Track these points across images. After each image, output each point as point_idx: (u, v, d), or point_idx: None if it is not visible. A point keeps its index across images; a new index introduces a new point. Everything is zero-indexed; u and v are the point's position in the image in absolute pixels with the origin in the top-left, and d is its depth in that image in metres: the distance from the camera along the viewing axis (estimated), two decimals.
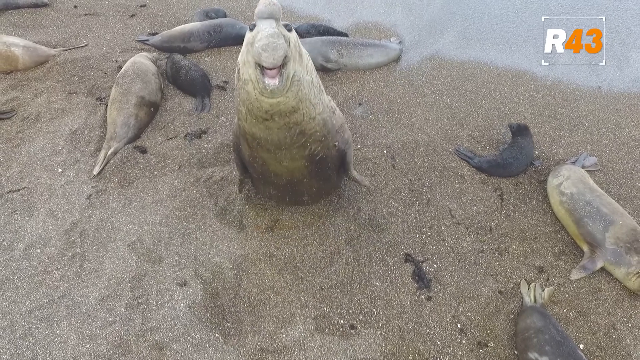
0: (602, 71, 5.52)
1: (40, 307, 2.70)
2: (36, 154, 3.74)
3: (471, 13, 6.41)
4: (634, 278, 2.90)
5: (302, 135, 2.56)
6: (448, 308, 2.92)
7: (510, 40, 5.93)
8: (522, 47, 5.88)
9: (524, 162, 3.94)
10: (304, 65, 2.50)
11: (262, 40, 2.18)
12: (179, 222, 3.31)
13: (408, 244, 3.29)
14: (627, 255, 2.94)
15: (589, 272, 3.06)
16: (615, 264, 2.99)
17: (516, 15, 6.41)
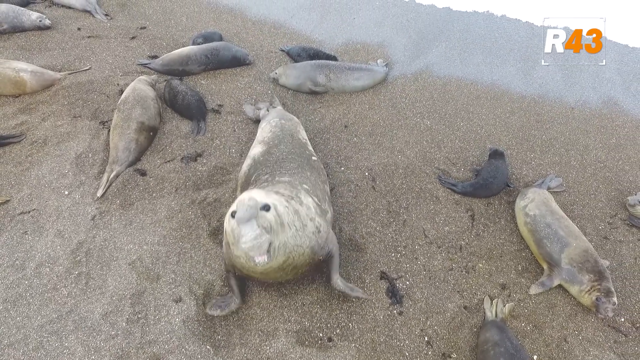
0: (580, 89, 5.84)
1: (50, 322, 3.01)
2: (44, 177, 4.06)
3: (457, 34, 6.74)
4: (586, 295, 3.22)
5: (295, 268, 2.92)
6: (417, 322, 3.24)
7: (493, 60, 6.27)
8: (504, 66, 6.21)
9: (502, 181, 4.26)
10: (286, 228, 2.76)
11: (248, 244, 2.49)
12: (175, 241, 3.62)
13: (384, 262, 3.61)
14: (579, 275, 3.26)
15: (546, 288, 3.39)
16: (569, 282, 3.32)
17: (500, 35, 6.74)
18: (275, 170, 3.48)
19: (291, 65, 5.45)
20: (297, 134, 4.11)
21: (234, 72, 5.68)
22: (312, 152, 3.96)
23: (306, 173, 3.50)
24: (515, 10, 7.45)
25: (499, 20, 7.10)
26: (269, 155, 3.72)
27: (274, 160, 3.63)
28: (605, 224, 4.09)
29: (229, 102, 5.15)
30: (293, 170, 3.48)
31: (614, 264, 3.72)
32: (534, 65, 6.28)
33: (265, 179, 3.38)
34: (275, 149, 3.77)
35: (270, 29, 6.74)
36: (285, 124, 4.19)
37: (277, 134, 4.00)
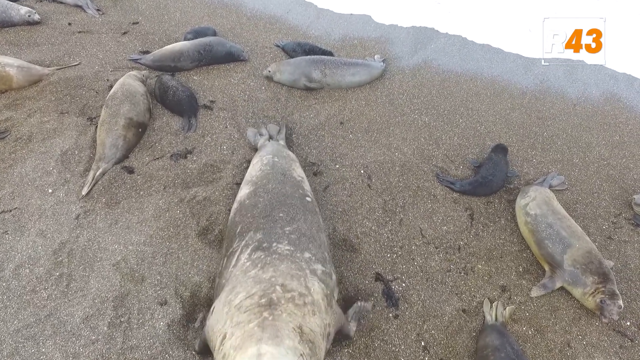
0: (582, 85, 5.69)
1: (28, 326, 2.87)
2: (28, 174, 3.91)
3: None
4: (590, 297, 3.08)
5: None
6: (413, 326, 3.09)
7: (492, 56, 6.13)
8: (504, 62, 6.07)
9: (501, 178, 4.12)
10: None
11: None
12: (162, 241, 3.48)
13: (379, 263, 3.47)
14: (583, 277, 3.12)
15: (548, 290, 3.24)
16: (572, 284, 3.17)
17: (501, 24, 6.60)
18: (269, 231, 2.91)
19: (285, 62, 5.30)
20: (291, 172, 3.64)
21: (228, 67, 5.54)
22: (306, 192, 3.47)
23: (302, 226, 3.02)
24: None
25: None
26: (256, 197, 3.26)
27: (262, 206, 3.14)
28: (609, 223, 3.95)
29: (222, 98, 5.00)
30: (290, 230, 2.94)
31: (619, 265, 3.58)
32: (534, 61, 6.15)
33: (258, 246, 2.80)
34: (263, 190, 3.31)
35: (266, 24, 6.59)
36: (278, 161, 3.73)
37: (267, 172, 3.56)
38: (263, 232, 2.91)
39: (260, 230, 2.93)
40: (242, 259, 2.78)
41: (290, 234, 2.93)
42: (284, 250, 2.78)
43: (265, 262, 2.69)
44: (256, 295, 2.46)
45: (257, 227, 2.97)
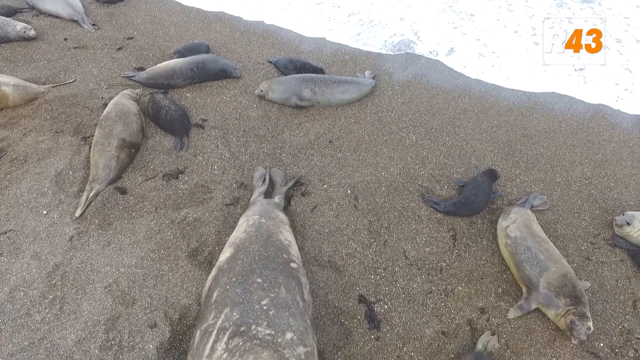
0: (568, 101, 5.81)
1: (22, 350, 2.98)
2: (23, 195, 4.02)
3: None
4: (562, 319, 3.21)
5: None
6: (394, 348, 3.21)
7: (481, 70, 6.24)
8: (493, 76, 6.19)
9: (483, 199, 4.23)
10: None
11: None
12: (153, 263, 3.59)
13: (363, 285, 3.58)
14: (556, 299, 3.24)
15: (524, 311, 3.37)
16: (546, 306, 3.29)
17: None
18: (247, 308, 2.66)
19: (276, 80, 5.40)
20: (278, 234, 3.39)
21: (220, 84, 5.65)
22: (292, 257, 3.21)
23: (282, 294, 2.80)
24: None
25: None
26: (235, 261, 3.03)
27: (239, 269, 2.93)
28: (588, 243, 4.07)
29: (214, 117, 5.11)
30: (267, 304, 2.70)
31: (595, 286, 3.70)
32: (523, 75, 6.26)
33: (236, 331, 2.54)
34: (244, 253, 3.08)
35: (259, 39, 6.70)
36: (265, 222, 3.48)
37: (252, 234, 3.32)
38: (240, 311, 2.64)
39: (237, 307, 2.66)
40: (218, 349, 2.48)
41: (269, 309, 2.67)
42: (265, 335, 2.53)
43: (243, 350, 2.44)
44: None
45: (233, 301, 2.71)
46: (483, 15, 7.58)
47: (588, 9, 7.79)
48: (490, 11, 7.70)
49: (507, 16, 7.61)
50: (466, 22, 7.35)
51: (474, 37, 6.99)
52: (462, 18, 7.43)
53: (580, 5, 7.93)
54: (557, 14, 7.67)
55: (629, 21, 7.45)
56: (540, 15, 7.64)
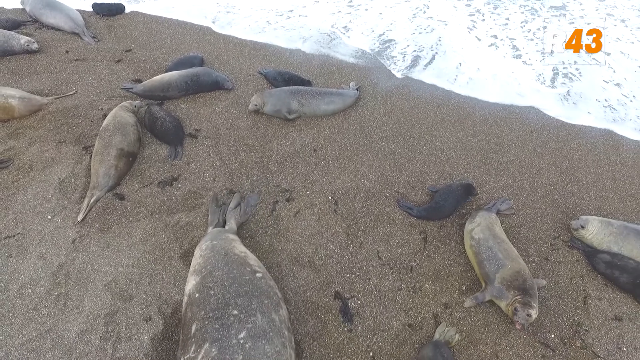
0: (541, 114, 6.19)
1: (30, 341, 3.34)
2: (29, 201, 4.38)
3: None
4: (509, 308, 3.58)
5: None
6: (364, 339, 3.57)
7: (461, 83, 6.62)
8: (476, 87, 6.57)
9: (452, 204, 4.59)
10: None
11: None
12: (148, 264, 3.95)
13: (339, 283, 3.94)
14: (506, 291, 3.61)
15: (479, 302, 3.74)
16: (498, 298, 3.66)
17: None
18: (225, 344, 2.88)
19: (267, 93, 5.72)
20: (232, 250, 3.63)
21: (213, 95, 6.01)
22: (254, 268, 3.47)
23: (258, 321, 3.02)
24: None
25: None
26: (206, 290, 3.21)
27: (214, 303, 3.10)
28: (548, 245, 4.43)
29: (206, 127, 5.47)
30: (244, 337, 2.92)
31: (551, 284, 4.07)
32: (498, 86, 6.64)
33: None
34: (211, 280, 3.27)
35: (251, 51, 7.07)
36: (217, 244, 3.71)
37: (208, 256, 3.53)
38: (218, 347, 2.86)
39: (215, 344, 2.88)
40: None
41: (245, 342, 2.89)
42: None
43: None
44: None
45: (213, 337, 2.92)
46: (456, 25, 7.97)
47: (560, 17, 8.14)
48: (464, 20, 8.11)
49: (480, 26, 8.00)
50: (440, 31, 7.75)
51: (450, 48, 7.39)
52: (434, 28, 7.84)
53: (550, 12, 8.29)
54: (531, 21, 8.02)
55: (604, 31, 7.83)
56: (515, 23, 8.03)
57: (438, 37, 7.65)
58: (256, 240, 4.23)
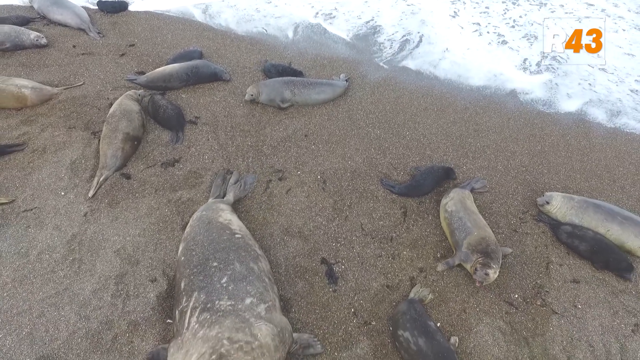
0: (519, 102, 6.63)
1: (50, 297, 3.76)
2: (44, 180, 4.79)
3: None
4: (473, 269, 4.01)
5: None
6: (347, 297, 4.00)
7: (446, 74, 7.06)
8: (459, 80, 7.02)
9: (431, 183, 5.02)
10: None
11: None
12: (153, 234, 4.37)
13: (325, 250, 4.37)
14: (471, 255, 4.04)
15: (449, 266, 4.18)
16: (464, 261, 4.10)
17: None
18: (209, 289, 3.32)
19: (262, 84, 6.14)
20: (217, 218, 4.06)
21: (212, 86, 6.43)
22: (234, 230, 3.90)
23: (237, 267, 3.48)
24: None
25: None
26: (189, 252, 3.70)
27: (196, 260, 3.58)
28: (517, 219, 4.86)
29: (205, 114, 5.90)
30: (226, 280, 3.37)
31: (517, 252, 4.50)
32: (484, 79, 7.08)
33: (204, 308, 3.21)
34: (193, 243, 3.77)
35: (247, 45, 7.49)
36: (205, 214, 4.16)
37: (194, 226, 4.01)
38: (205, 292, 3.30)
39: (202, 290, 3.32)
40: (192, 323, 3.16)
41: (228, 284, 3.33)
42: (227, 307, 3.18)
43: (211, 321, 3.10)
44: (206, 353, 2.88)
45: (199, 286, 3.36)
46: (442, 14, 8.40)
47: (542, 9, 8.52)
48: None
49: (462, 14, 8.45)
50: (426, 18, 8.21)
51: (435, 35, 7.86)
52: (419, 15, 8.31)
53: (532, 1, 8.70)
54: (512, 9, 8.41)
55: (586, 21, 8.21)
56: (495, 11, 8.46)
57: (423, 23, 8.16)
58: (251, 215, 4.66)
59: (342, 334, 3.74)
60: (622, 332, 3.95)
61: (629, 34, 8.20)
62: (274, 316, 3.35)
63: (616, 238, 4.49)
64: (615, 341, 3.87)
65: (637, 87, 7.09)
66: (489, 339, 3.76)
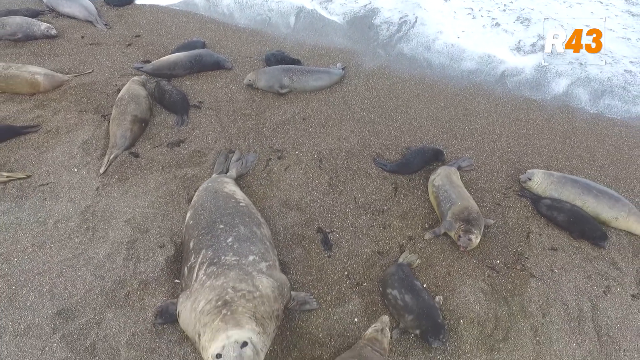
0: (508, 88, 6.96)
1: (67, 260, 4.07)
2: (58, 158, 5.12)
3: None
4: (456, 236, 4.33)
5: None
6: (341, 262, 4.32)
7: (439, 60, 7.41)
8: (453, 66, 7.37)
9: (420, 160, 5.34)
10: (261, 354, 3.07)
11: None
12: (161, 206, 4.69)
13: (321, 221, 4.69)
14: (455, 223, 4.37)
15: (436, 235, 4.51)
16: (449, 230, 4.42)
17: None
18: (216, 247, 3.66)
19: (261, 71, 6.48)
20: (222, 189, 4.41)
21: (214, 74, 6.75)
22: (239, 200, 4.27)
23: (241, 230, 3.81)
24: None
25: None
26: (197, 216, 4.06)
27: (204, 223, 3.93)
28: (500, 194, 5.19)
29: (208, 100, 6.22)
30: (231, 240, 3.71)
31: (500, 223, 4.82)
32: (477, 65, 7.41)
33: (211, 262, 3.55)
34: (201, 208, 4.14)
35: (248, 37, 7.81)
36: (210, 185, 4.54)
37: (201, 195, 4.38)
38: (212, 250, 3.65)
39: (210, 248, 3.68)
40: (200, 275, 3.51)
41: (233, 244, 3.68)
42: (232, 261, 3.53)
43: (217, 273, 3.43)
44: (213, 300, 3.21)
45: (207, 245, 3.71)
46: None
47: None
48: None
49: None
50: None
51: (429, 18, 8.23)
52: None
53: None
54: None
55: (581, 19, 8.52)
56: None
57: (418, 7, 8.58)
58: (252, 189, 4.98)
59: (336, 293, 4.07)
60: (595, 293, 4.27)
61: (622, 19, 8.55)
62: (274, 273, 3.68)
63: (592, 210, 4.82)
64: (587, 301, 4.20)
65: (632, 68, 7.41)
66: (471, 298, 4.09)
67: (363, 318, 3.88)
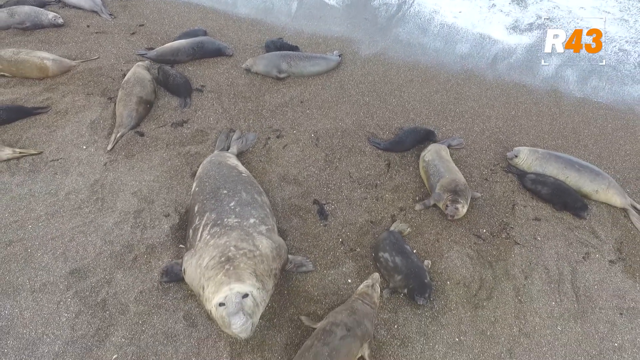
0: (499, 72, 7.21)
1: (78, 227, 4.34)
2: (67, 136, 5.38)
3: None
4: (444, 206, 4.59)
5: None
6: (336, 230, 4.59)
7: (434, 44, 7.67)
8: (448, 53, 7.62)
9: (412, 139, 5.60)
10: (260, 306, 3.33)
11: (237, 329, 3.11)
12: (165, 180, 4.96)
13: (317, 194, 4.96)
14: (443, 195, 4.63)
15: (426, 206, 4.77)
16: (437, 201, 4.69)
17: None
18: (219, 210, 3.93)
19: (260, 56, 6.74)
20: (226, 161, 4.71)
21: (216, 60, 7.01)
22: (241, 171, 4.58)
23: (243, 196, 4.11)
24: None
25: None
26: (202, 184, 4.35)
27: (209, 188, 4.23)
28: (488, 170, 5.45)
29: (210, 84, 6.48)
30: (234, 204, 3.99)
31: (487, 196, 5.08)
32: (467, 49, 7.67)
33: (214, 224, 3.81)
34: (206, 177, 4.44)
35: (248, 26, 8.07)
36: (215, 159, 4.82)
37: (206, 167, 4.68)
38: (216, 212, 3.92)
39: (213, 211, 3.95)
40: (204, 235, 3.77)
41: (235, 207, 3.95)
42: (234, 223, 3.79)
43: (220, 233, 3.69)
44: (216, 256, 3.47)
45: (211, 208, 3.98)
46: None
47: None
48: None
49: None
50: None
51: None
52: None
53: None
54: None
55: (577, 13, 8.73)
56: None
57: None
58: (252, 165, 5.24)
59: (331, 258, 4.34)
60: (575, 258, 4.53)
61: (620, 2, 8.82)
62: (273, 236, 3.94)
63: (574, 183, 5.08)
64: (567, 265, 4.46)
65: (627, 47, 7.65)
66: (457, 262, 4.35)
67: (356, 280, 4.15)
